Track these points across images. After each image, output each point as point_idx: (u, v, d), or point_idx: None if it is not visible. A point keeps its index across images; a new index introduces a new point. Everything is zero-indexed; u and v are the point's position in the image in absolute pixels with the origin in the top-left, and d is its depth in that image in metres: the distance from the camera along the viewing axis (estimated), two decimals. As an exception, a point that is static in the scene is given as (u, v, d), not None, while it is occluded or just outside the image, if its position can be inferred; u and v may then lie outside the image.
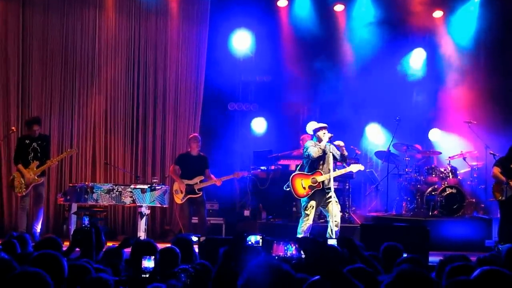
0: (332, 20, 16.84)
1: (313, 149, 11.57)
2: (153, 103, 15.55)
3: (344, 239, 6.35)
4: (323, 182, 11.60)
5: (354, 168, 12.23)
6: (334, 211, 11.50)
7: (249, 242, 6.88)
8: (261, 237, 7.11)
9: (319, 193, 11.61)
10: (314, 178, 11.59)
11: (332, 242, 7.40)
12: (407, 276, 3.51)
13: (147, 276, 5.61)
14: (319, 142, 11.67)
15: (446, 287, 3.54)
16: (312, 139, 11.87)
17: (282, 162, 15.28)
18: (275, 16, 16.71)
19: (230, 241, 5.08)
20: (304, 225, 11.57)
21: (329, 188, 11.54)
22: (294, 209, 14.42)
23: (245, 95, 16.73)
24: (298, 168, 12.05)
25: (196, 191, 13.21)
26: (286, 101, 16.79)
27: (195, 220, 13.54)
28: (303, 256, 4.48)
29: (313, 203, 11.64)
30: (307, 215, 11.62)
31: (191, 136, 13.86)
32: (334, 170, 11.83)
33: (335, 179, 12.48)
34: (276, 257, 5.66)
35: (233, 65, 16.21)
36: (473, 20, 16.56)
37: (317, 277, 3.87)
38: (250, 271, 3.14)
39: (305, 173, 11.72)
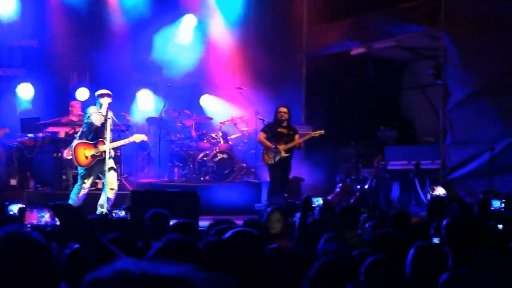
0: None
1: (95, 117, 11.26)
2: None
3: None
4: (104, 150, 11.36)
5: (137, 138, 11.97)
6: (112, 179, 11.32)
7: (11, 212, 6.58)
8: (24, 206, 6.82)
9: (99, 161, 11.36)
10: (98, 148, 11.29)
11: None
12: (174, 245, 3.45)
13: None
14: (101, 109, 11.39)
15: (202, 247, 3.54)
16: (95, 105, 11.51)
17: (51, 129, 14.78)
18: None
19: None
20: (79, 192, 11.32)
21: (109, 157, 11.30)
22: (63, 177, 14.01)
23: (10, 60, 16.02)
24: (79, 135, 11.64)
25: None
26: (54, 67, 16.29)
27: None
28: (58, 223, 4.30)
29: (91, 171, 11.40)
30: (84, 182, 11.38)
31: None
32: (115, 139, 11.66)
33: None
34: (29, 226, 5.42)
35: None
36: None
37: (76, 246, 3.72)
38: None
39: (88, 142, 11.38)
